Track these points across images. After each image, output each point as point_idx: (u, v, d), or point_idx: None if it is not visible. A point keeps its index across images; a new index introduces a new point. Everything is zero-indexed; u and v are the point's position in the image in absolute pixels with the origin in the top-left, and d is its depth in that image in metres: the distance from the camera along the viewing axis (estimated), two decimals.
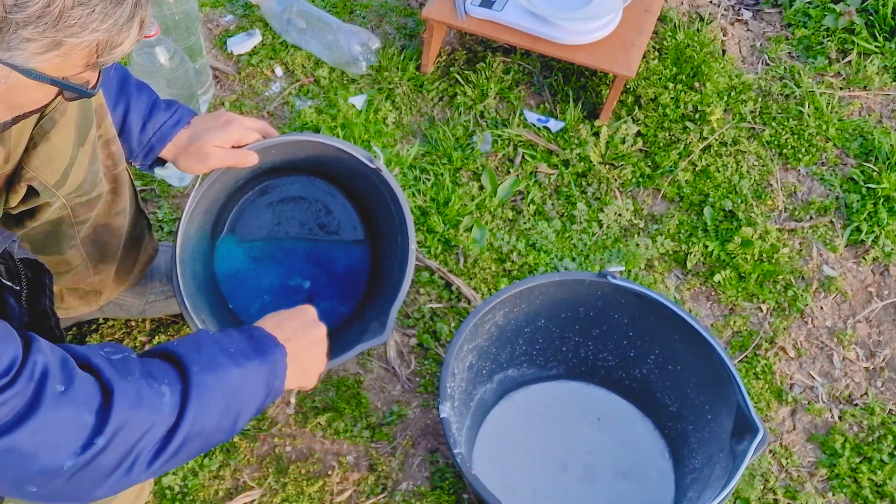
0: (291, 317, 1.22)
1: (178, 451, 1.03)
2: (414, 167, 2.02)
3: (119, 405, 0.96)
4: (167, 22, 1.87)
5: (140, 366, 1.03)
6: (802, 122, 2.15)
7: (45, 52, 0.88)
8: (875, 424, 1.74)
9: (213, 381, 1.05)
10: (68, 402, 0.93)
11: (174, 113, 1.40)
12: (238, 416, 1.09)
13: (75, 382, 0.95)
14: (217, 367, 1.06)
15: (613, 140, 2.07)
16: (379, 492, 1.61)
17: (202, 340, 1.10)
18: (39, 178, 1.22)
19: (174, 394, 1.02)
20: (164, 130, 1.39)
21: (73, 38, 0.88)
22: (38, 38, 0.86)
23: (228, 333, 1.14)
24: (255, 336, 1.14)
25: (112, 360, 1.01)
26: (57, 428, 0.93)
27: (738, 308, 1.87)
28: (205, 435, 1.05)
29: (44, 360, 0.93)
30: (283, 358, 1.14)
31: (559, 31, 1.96)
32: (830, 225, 2.00)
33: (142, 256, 1.61)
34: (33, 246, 1.39)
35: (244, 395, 1.09)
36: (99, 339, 1.72)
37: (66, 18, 0.86)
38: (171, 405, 1.01)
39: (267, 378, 1.12)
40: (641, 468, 1.63)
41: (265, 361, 1.12)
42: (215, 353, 1.08)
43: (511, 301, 1.50)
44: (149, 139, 1.39)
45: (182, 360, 1.06)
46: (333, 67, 2.18)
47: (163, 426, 1.01)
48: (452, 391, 1.44)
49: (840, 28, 2.32)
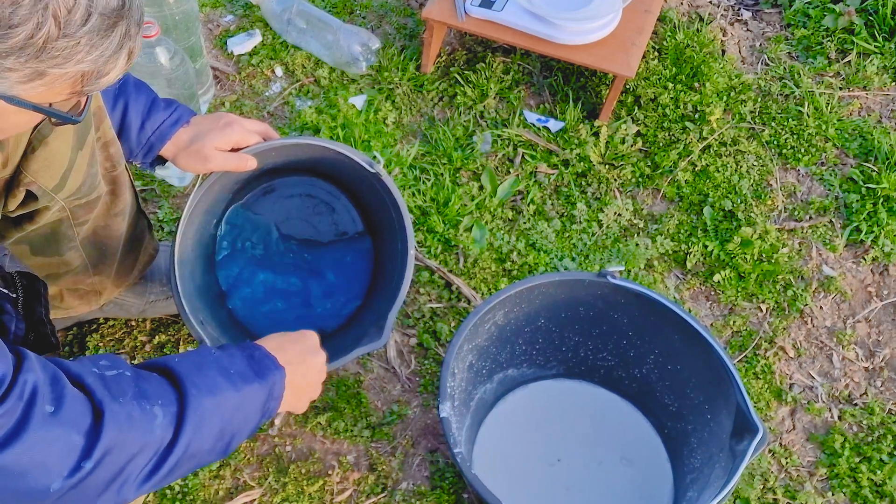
0: (294, 341, 1.22)
1: (170, 473, 1.02)
2: (414, 167, 2.02)
3: (109, 428, 0.94)
4: (167, 22, 1.87)
5: (134, 385, 1.01)
6: (802, 122, 2.15)
7: (27, 82, 0.86)
8: (875, 424, 1.74)
9: (210, 405, 1.04)
10: (57, 423, 0.92)
11: (173, 112, 1.40)
12: (232, 439, 1.08)
13: (65, 402, 0.93)
14: (216, 391, 1.05)
15: (613, 140, 2.07)
16: (379, 491, 1.62)
17: (203, 360, 1.09)
18: (38, 182, 1.21)
19: (167, 415, 1.00)
20: (164, 129, 1.39)
21: (57, 69, 0.86)
22: (21, 69, 0.85)
23: (231, 353, 1.13)
24: (255, 357, 1.13)
25: (105, 378, 0.99)
26: (45, 449, 0.91)
27: (738, 308, 1.87)
28: (197, 458, 1.04)
29: (34, 378, 0.91)
30: (282, 381, 1.13)
31: (559, 31, 1.96)
32: (830, 225, 2.00)
33: (142, 257, 1.61)
34: (32, 248, 1.39)
35: (240, 418, 1.08)
36: (99, 338, 1.73)
37: (50, 50, 0.84)
38: (163, 427, 1.00)
39: (264, 401, 1.11)
40: (641, 468, 1.63)
41: (264, 385, 1.11)
42: (215, 376, 1.07)
43: (511, 301, 1.51)
44: (148, 138, 1.39)
45: (181, 379, 1.04)
46: (333, 67, 2.18)
47: (153, 448, 0.99)
48: (452, 391, 1.44)
49: (839, 28, 2.32)
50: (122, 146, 1.37)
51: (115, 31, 0.89)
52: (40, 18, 0.83)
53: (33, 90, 0.88)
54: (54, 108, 0.93)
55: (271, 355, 1.15)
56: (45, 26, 0.83)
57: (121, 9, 0.89)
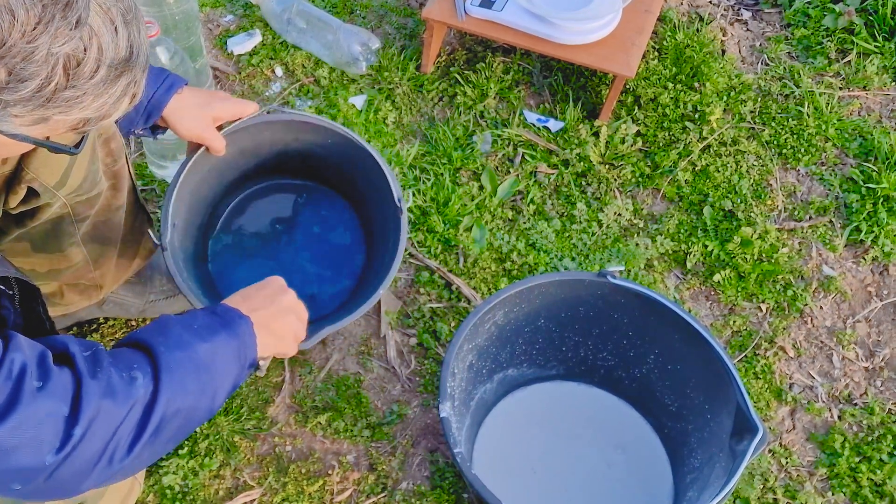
0: (259, 288, 1.22)
1: (157, 431, 1.02)
2: (414, 167, 2.02)
3: (90, 395, 0.96)
4: (167, 22, 1.87)
5: (109, 356, 1.03)
6: (802, 122, 2.15)
7: (31, 125, 0.88)
8: (874, 424, 1.74)
9: (182, 358, 1.05)
10: (46, 397, 0.93)
11: (165, 79, 1.41)
12: (215, 392, 1.09)
13: (52, 377, 0.95)
14: (184, 345, 1.06)
15: (613, 140, 2.07)
16: (379, 491, 1.62)
17: (166, 323, 1.10)
18: (39, 179, 1.22)
19: (146, 376, 1.02)
20: (158, 96, 1.40)
21: (62, 115, 0.88)
22: (26, 115, 0.86)
23: (192, 313, 1.14)
24: (217, 312, 1.14)
25: (84, 356, 1.01)
26: (36, 424, 0.92)
27: (738, 308, 1.87)
28: (183, 413, 1.05)
29: (21, 357, 0.93)
30: (249, 328, 1.14)
31: (559, 31, 1.96)
32: (830, 225, 2.00)
33: (142, 250, 1.61)
34: (33, 244, 1.40)
35: (216, 369, 1.09)
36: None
37: (56, 100, 0.86)
38: (145, 387, 1.01)
39: (237, 350, 1.12)
40: (641, 468, 1.63)
41: (232, 334, 1.11)
42: (180, 332, 1.08)
43: (511, 301, 1.51)
44: (145, 107, 1.40)
45: (148, 343, 1.06)
46: (333, 67, 2.18)
47: (138, 409, 1.00)
48: (452, 391, 1.44)
49: (839, 28, 2.32)
50: (122, 119, 1.37)
51: (120, 80, 0.90)
52: (50, 72, 0.84)
53: (34, 130, 0.89)
54: (53, 142, 0.95)
55: (233, 308, 1.15)
56: (54, 79, 0.84)
57: (128, 59, 0.90)
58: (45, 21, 0.82)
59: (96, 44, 0.86)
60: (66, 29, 0.83)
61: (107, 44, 0.87)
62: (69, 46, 0.84)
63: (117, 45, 0.88)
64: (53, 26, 0.82)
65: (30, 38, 0.82)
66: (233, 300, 1.19)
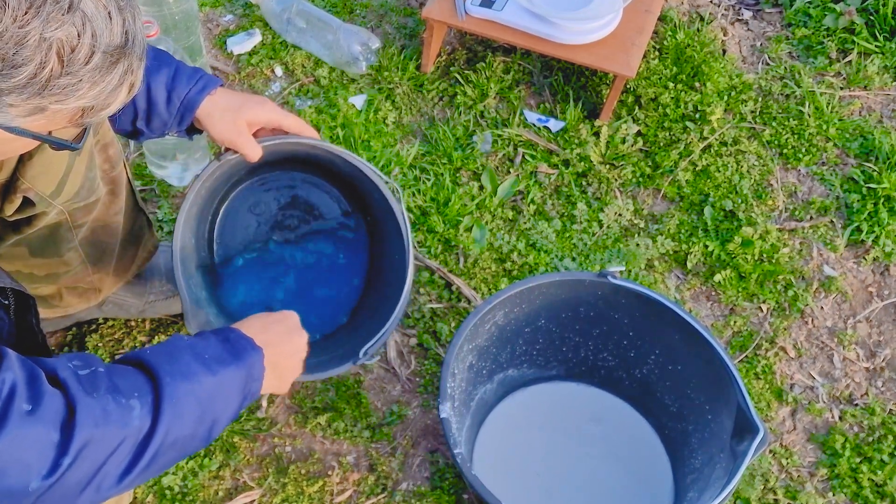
0: (277, 321, 1.20)
1: (152, 462, 1.00)
2: (414, 167, 2.02)
3: (83, 423, 0.94)
4: (167, 22, 1.87)
5: (107, 380, 1.00)
6: (803, 121, 2.15)
7: (27, 116, 0.87)
8: (875, 424, 1.74)
9: (186, 390, 1.02)
10: (35, 421, 0.91)
11: (199, 80, 1.37)
12: (213, 424, 1.06)
13: (43, 401, 0.92)
14: (190, 377, 1.03)
15: (614, 140, 2.06)
16: (379, 492, 1.61)
17: (175, 347, 1.07)
18: (35, 188, 1.21)
19: (144, 406, 0.99)
20: (191, 98, 1.35)
21: (59, 104, 0.87)
22: (22, 105, 0.85)
23: (205, 337, 1.11)
24: (231, 339, 1.11)
25: (79, 376, 0.98)
26: (22, 447, 0.90)
27: (739, 308, 1.87)
28: (179, 444, 1.03)
29: (12, 377, 0.91)
30: (260, 361, 1.11)
31: (559, 30, 1.96)
32: (831, 225, 2.00)
33: (141, 252, 1.60)
34: (31, 249, 1.39)
35: (219, 402, 1.07)
36: (98, 339, 1.72)
37: (52, 87, 0.85)
38: (142, 418, 0.99)
39: (243, 383, 1.09)
40: (641, 468, 1.63)
41: (241, 366, 1.09)
42: (189, 361, 1.05)
43: (511, 301, 1.50)
44: (177, 108, 1.36)
45: (154, 369, 1.03)
46: (333, 67, 2.18)
47: (132, 441, 0.98)
48: (452, 391, 1.44)
49: (840, 28, 2.32)
50: (155, 120, 1.35)
51: (117, 67, 0.89)
52: (44, 58, 0.83)
53: (33, 122, 0.88)
54: (53, 136, 0.93)
55: (247, 337, 1.12)
56: (48, 65, 0.84)
57: (124, 46, 0.89)
58: (37, 5, 0.82)
59: (90, 29, 0.85)
60: (58, 13, 0.83)
61: (101, 29, 0.86)
62: (62, 31, 0.83)
63: (112, 31, 0.87)
64: (45, 11, 0.82)
65: (21, 22, 0.81)
66: (250, 327, 1.16)
